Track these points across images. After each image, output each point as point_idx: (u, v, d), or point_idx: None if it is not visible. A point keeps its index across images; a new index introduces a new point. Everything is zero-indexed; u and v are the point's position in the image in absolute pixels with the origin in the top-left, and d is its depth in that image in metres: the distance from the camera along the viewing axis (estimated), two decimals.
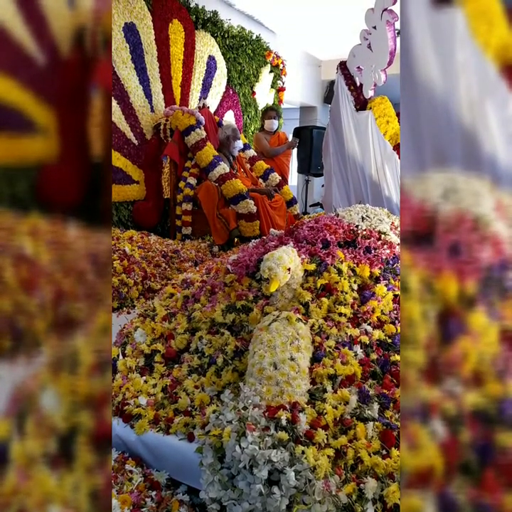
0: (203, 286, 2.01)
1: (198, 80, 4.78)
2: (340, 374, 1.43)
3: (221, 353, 1.62)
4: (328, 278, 1.73)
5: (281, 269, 1.52)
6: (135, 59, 4.00)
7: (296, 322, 1.49)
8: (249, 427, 1.21)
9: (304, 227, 2.06)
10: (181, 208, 4.00)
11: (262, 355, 1.40)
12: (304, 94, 7.55)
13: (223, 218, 3.81)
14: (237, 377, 1.56)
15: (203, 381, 1.58)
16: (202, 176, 4.04)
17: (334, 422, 1.30)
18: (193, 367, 1.65)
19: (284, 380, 1.34)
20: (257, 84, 5.71)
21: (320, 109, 8.10)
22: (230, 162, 4.20)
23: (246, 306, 1.75)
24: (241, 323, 1.72)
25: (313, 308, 1.63)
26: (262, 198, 3.92)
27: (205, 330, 1.76)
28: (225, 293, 1.86)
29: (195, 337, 1.74)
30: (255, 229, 3.78)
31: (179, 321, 1.87)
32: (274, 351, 1.40)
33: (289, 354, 1.39)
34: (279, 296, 1.69)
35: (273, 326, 1.47)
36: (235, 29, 5.16)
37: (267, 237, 2.32)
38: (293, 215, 4.39)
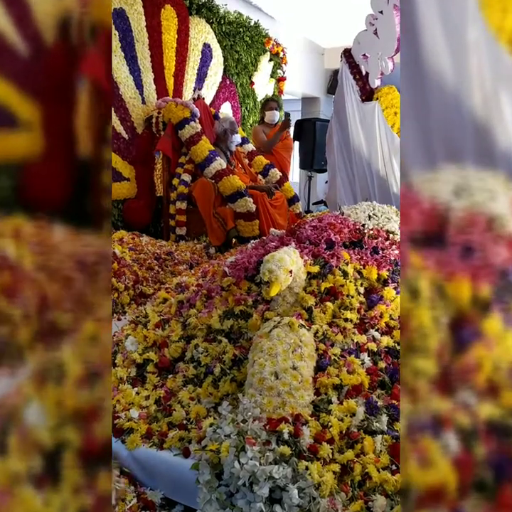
0: (198, 290, 2.01)
1: (193, 70, 4.79)
2: (347, 384, 1.43)
3: (218, 362, 1.62)
4: (333, 281, 1.73)
5: (283, 271, 1.52)
6: (125, 47, 4.00)
7: (298, 328, 1.49)
8: (249, 441, 1.21)
9: (307, 227, 2.06)
10: (175, 207, 4.00)
11: (263, 364, 1.40)
12: (305, 84, 7.56)
13: (220, 217, 3.81)
14: (235, 387, 1.56)
15: (199, 392, 1.58)
16: (197, 173, 4.04)
17: (340, 436, 1.30)
18: (188, 377, 1.65)
19: (286, 390, 1.34)
20: (256, 73, 5.72)
21: (323, 100, 8.11)
22: (227, 157, 4.20)
23: (245, 311, 1.75)
24: (240, 330, 1.72)
25: (317, 314, 1.63)
26: (261, 195, 3.92)
27: (201, 337, 1.76)
28: (223, 297, 1.86)
29: (191, 345, 1.74)
30: (254, 229, 3.78)
31: (173, 328, 1.86)
32: (275, 360, 1.40)
33: (291, 363, 1.39)
34: (281, 301, 1.69)
35: (274, 332, 1.47)
36: (231, 15, 5.16)
37: (267, 237, 2.32)
38: (295, 213, 4.39)
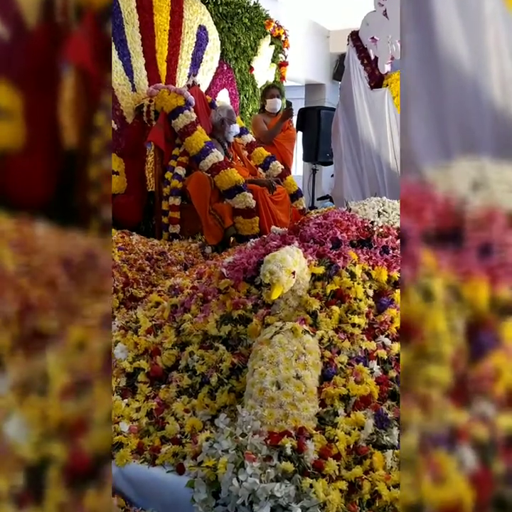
0: (193, 293, 2.01)
1: (187, 54, 4.79)
2: (354, 394, 1.43)
3: (215, 371, 1.62)
4: (340, 283, 1.73)
5: (285, 272, 1.52)
6: (113, 30, 4.01)
7: (302, 334, 1.49)
8: (249, 457, 1.21)
9: (311, 224, 2.06)
10: (168, 203, 4.00)
11: (263, 373, 1.40)
12: (309, 69, 7.56)
13: (217, 214, 3.81)
14: (234, 398, 1.56)
15: (194, 404, 1.58)
16: (192, 166, 4.04)
17: (347, 451, 1.30)
18: (182, 387, 1.65)
19: (288, 401, 1.34)
20: (256, 58, 5.72)
21: (328, 86, 8.11)
22: (224, 149, 4.20)
23: (244, 316, 1.75)
24: (238, 336, 1.72)
25: (322, 318, 1.64)
26: (261, 190, 3.92)
27: (197, 344, 1.76)
28: (220, 301, 1.86)
29: (185, 353, 1.74)
30: (254, 226, 3.78)
31: (166, 334, 1.86)
32: (276, 368, 1.40)
33: (294, 372, 1.39)
34: (283, 305, 1.69)
35: (275, 339, 1.47)
36: None
37: (268, 235, 2.32)
38: (298, 210, 4.39)
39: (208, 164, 3.88)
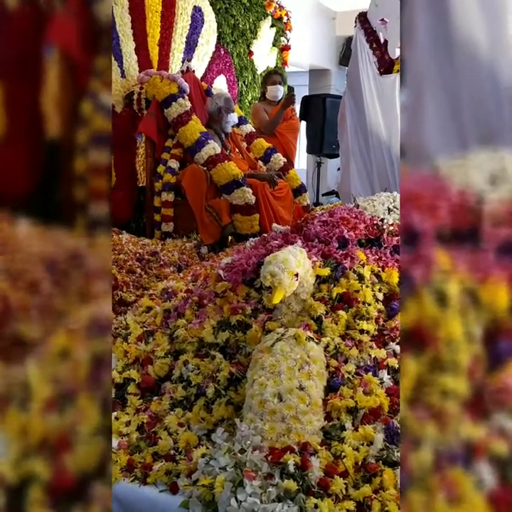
0: (188, 297, 2.01)
1: (181, 38, 4.79)
2: (363, 407, 1.43)
3: (212, 382, 1.62)
4: (347, 286, 1.73)
5: (287, 274, 1.52)
6: None
7: (306, 342, 1.49)
8: (248, 475, 1.21)
9: (316, 222, 2.06)
10: (160, 199, 4.01)
11: (264, 383, 1.40)
12: (314, 54, 7.57)
13: (214, 211, 3.81)
14: (232, 411, 1.56)
15: (189, 417, 1.58)
16: (186, 158, 4.04)
17: (355, 468, 1.30)
18: (176, 399, 1.65)
19: (291, 414, 1.34)
20: (255, 42, 5.73)
21: (334, 72, 8.12)
22: (221, 140, 4.20)
23: (243, 321, 1.75)
24: (237, 344, 1.72)
25: (328, 324, 1.64)
26: (262, 185, 3.93)
27: (192, 352, 1.76)
28: (217, 305, 1.86)
29: (179, 362, 1.74)
30: (254, 224, 3.79)
31: (158, 342, 1.87)
32: (278, 379, 1.40)
33: (297, 382, 1.39)
34: (285, 309, 1.69)
35: (277, 346, 1.47)
36: None
37: (269, 234, 2.32)
38: (301, 206, 4.40)
39: (203, 157, 3.88)
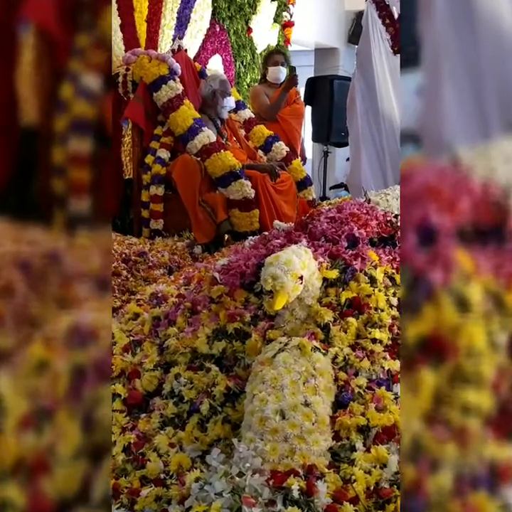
0: (180, 302, 2.01)
1: (171, 13, 4.79)
2: (375, 425, 1.43)
3: (207, 397, 1.62)
4: (357, 290, 1.73)
5: (290, 277, 1.52)
6: None
7: (311, 352, 1.49)
8: (247, 501, 1.21)
9: (322, 219, 2.06)
10: (149, 193, 4.00)
11: (265, 399, 1.40)
12: (320, 31, 7.57)
13: (208, 207, 3.81)
14: (229, 430, 1.56)
15: (181, 437, 1.58)
16: (178, 148, 4.04)
17: (367, 493, 1.30)
18: (166, 417, 1.65)
19: (295, 434, 1.34)
20: (255, 17, 5.73)
21: (343, 51, 8.12)
22: (217, 127, 4.21)
23: (241, 330, 1.75)
24: (234, 355, 1.72)
25: (336, 333, 1.64)
26: (262, 177, 3.93)
27: (184, 365, 1.76)
28: (212, 312, 1.86)
29: (170, 375, 1.74)
30: (253, 221, 3.79)
31: (147, 353, 1.87)
32: (281, 394, 1.40)
33: (302, 397, 1.39)
34: (288, 316, 1.69)
35: (279, 358, 1.48)
36: None
37: (270, 232, 2.32)
38: (306, 201, 4.39)
39: (197, 146, 3.88)
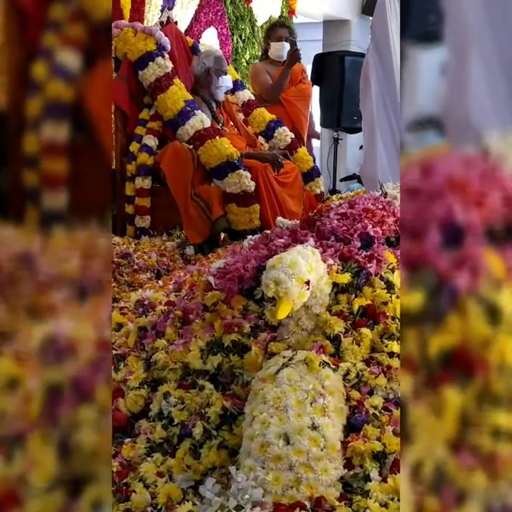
0: (169, 311, 2.01)
1: None
2: (392, 451, 1.43)
3: (200, 420, 1.62)
4: (372, 296, 1.72)
5: (296, 282, 1.52)
6: None
7: (320, 368, 1.49)
8: None
9: (332, 215, 2.06)
10: (134, 186, 4.00)
11: (266, 421, 1.40)
12: (330, 0, 7.57)
13: (202, 201, 3.81)
14: (225, 457, 1.56)
15: (170, 465, 1.58)
16: (167, 134, 4.05)
17: None
18: (154, 442, 1.65)
19: (301, 461, 1.34)
20: None
21: (355, 24, 8.12)
22: (211, 111, 4.20)
23: (239, 342, 1.75)
24: (231, 371, 1.72)
25: (348, 346, 1.64)
26: (263, 168, 3.93)
27: (174, 382, 1.76)
28: (206, 322, 1.86)
29: (158, 394, 1.74)
30: (253, 218, 3.78)
31: (132, 369, 1.86)
32: (284, 415, 1.40)
33: (309, 420, 1.39)
34: (293, 327, 1.69)
35: (283, 374, 1.47)
36: None
37: (273, 230, 2.32)
38: (314, 194, 4.39)
39: (188, 132, 3.88)
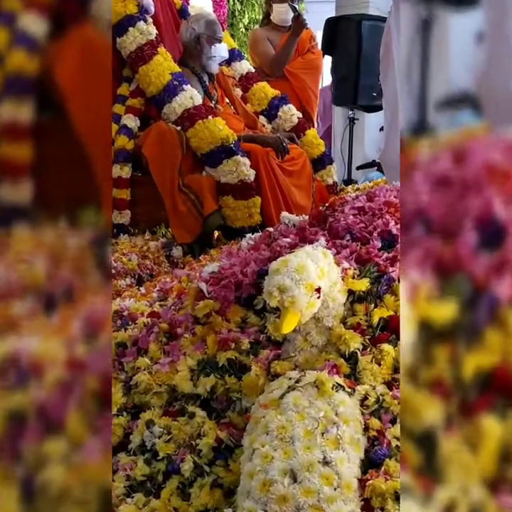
0: (153, 324, 2.01)
1: None
2: None
3: (190, 453, 1.62)
4: (394, 306, 1.73)
5: (304, 289, 1.52)
6: None
7: (332, 392, 1.49)
8: None
9: (347, 210, 2.06)
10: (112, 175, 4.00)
11: (269, 455, 1.39)
12: None
13: (192, 193, 3.81)
14: (220, 498, 1.56)
15: (155, 507, 1.58)
16: (150, 113, 4.05)
17: None
18: (135, 480, 1.65)
19: (310, 503, 1.34)
20: None
21: None
22: (203, 85, 4.20)
23: (237, 361, 1.75)
24: (227, 395, 1.72)
25: (367, 365, 1.64)
26: (265, 153, 3.92)
27: (159, 408, 1.76)
28: (197, 337, 1.86)
29: (140, 422, 1.74)
30: (253, 213, 3.78)
31: None
32: (291, 448, 1.39)
33: (319, 453, 1.39)
34: (301, 342, 1.69)
35: (289, 399, 1.47)
36: None
37: (276, 228, 2.32)
38: (325, 185, 4.39)
39: (176, 110, 3.88)
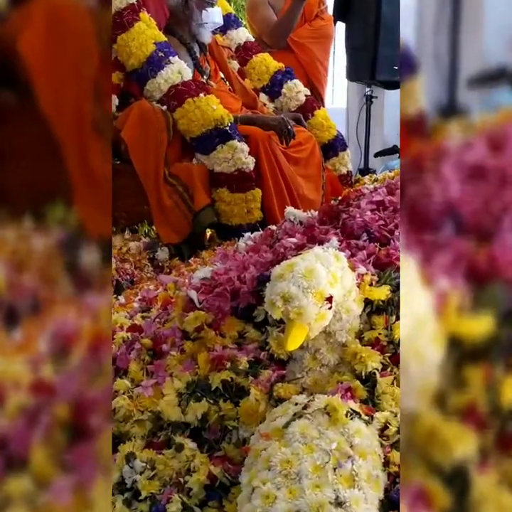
0: (134, 339, 2.02)
1: None
2: None
3: (177, 492, 1.62)
4: None
5: (313, 298, 1.52)
6: None
7: (346, 419, 1.49)
8: None
9: (364, 204, 2.06)
10: None
11: (271, 494, 1.40)
12: None
13: (180, 185, 3.81)
14: None
15: None
16: (130, 90, 4.06)
17: None
18: None
19: None
20: None
21: None
22: (193, 57, 4.21)
23: (233, 383, 1.76)
24: (221, 424, 1.72)
25: (386, 388, 1.64)
26: (267, 137, 3.93)
27: (141, 439, 1.76)
28: (186, 354, 1.86)
29: (119, 456, 1.75)
30: (252, 208, 3.79)
31: None
32: (297, 486, 1.40)
33: (331, 492, 1.39)
34: (309, 361, 1.69)
35: (295, 428, 1.48)
36: None
37: (280, 225, 2.33)
38: (338, 175, 4.40)
39: (161, 87, 3.89)
